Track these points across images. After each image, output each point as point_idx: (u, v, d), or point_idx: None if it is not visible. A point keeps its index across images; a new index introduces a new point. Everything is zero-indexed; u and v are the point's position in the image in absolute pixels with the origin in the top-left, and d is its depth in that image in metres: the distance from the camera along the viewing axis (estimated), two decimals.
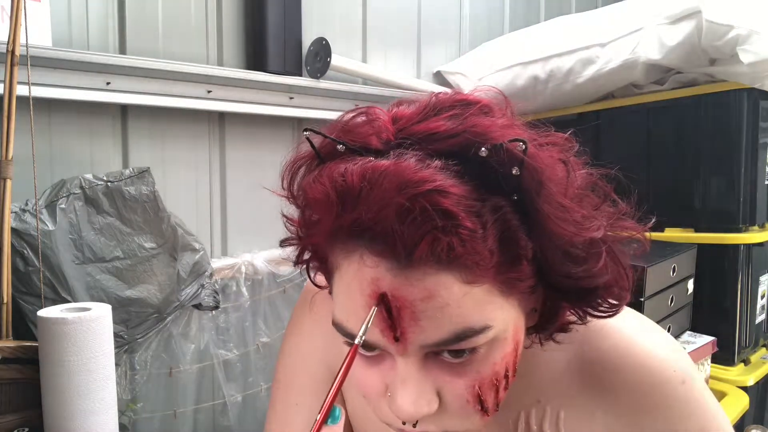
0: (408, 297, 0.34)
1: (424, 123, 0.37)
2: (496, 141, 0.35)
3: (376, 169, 0.34)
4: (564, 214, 0.36)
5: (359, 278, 0.36)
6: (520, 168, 0.34)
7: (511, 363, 0.39)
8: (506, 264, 0.36)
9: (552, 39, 1.53)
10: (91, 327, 0.74)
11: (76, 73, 0.99)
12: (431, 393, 0.37)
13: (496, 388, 0.38)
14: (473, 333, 0.36)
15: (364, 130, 0.38)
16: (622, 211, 0.42)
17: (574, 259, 0.38)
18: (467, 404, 0.38)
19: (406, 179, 0.33)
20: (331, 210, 0.35)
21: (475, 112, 0.37)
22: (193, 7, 1.20)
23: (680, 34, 1.26)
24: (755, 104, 1.30)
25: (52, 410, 0.75)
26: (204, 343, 1.16)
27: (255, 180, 1.33)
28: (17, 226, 0.88)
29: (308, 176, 0.40)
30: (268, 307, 1.27)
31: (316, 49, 1.35)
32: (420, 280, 0.34)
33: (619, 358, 0.46)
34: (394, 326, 0.35)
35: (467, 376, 0.37)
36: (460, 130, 0.36)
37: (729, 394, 1.27)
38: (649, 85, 1.43)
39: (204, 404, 1.19)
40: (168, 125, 1.17)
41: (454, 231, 0.33)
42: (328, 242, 0.39)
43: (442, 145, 0.35)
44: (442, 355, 0.37)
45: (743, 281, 1.33)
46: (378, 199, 0.33)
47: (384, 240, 0.34)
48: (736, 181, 1.31)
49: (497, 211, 0.35)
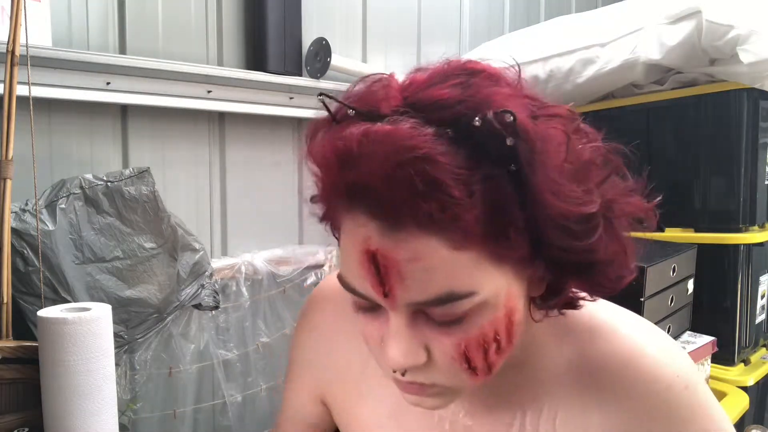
0: (395, 257, 0.37)
1: (430, 90, 0.38)
2: (494, 111, 0.36)
3: (371, 133, 0.36)
4: (557, 188, 0.37)
5: (354, 236, 0.39)
6: (514, 138, 0.35)
7: (502, 328, 0.40)
8: (495, 233, 0.37)
9: (552, 39, 1.53)
10: (91, 327, 0.74)
11: (76, 73, 0.99)
12: (419, 347, 0.40)
13: (484, 350, 0.40)
14: (457, 297, 0.37)
15: (376, 95, 0.40)
16: (631, 187, 0.42)
17: (571, 232, 0.38)
18: (454, 361, 0.40)
19: (397, 145, 0.35)
20: (331, 170, 0.38)
21: (480, 81, 0.38)
22: (193, 7, 1.20)
23: (680, 34, 1.26)
24: (755, 104, 1.30)
25: (52, 410, 0.75)
26: (204, 343, 1.16)
27: (255, 180, 1.34)
28: (17, 226, 0.88)
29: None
30: (268, 307, 1.27)
31: (316, 49, 1.35)
32: (406, 242, 0.36)
33: (621, 361, 0.46)
34: (383, 283, 0.38)
35: (454, 335, 0.39)
36: (461, 99, 0.37)
37: (729, 394, 1.27)
38: (649, 85, 1.43)
39: (204, 404, 1.19)
40: (168, 125, 1.17)
41: (438, 198, 0.34)
42: (332, 201, 0.41)
43: (444, 113, 0.36)
44: (432, 314, 0.39)
45: (743, 281, 1.33)
46: (369, 163, 0.35)
47: (374, 202, 0.36)
48: (736, 181, 1.31)
49: (488, 180, 0.36)
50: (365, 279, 0.39)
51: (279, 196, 1.38)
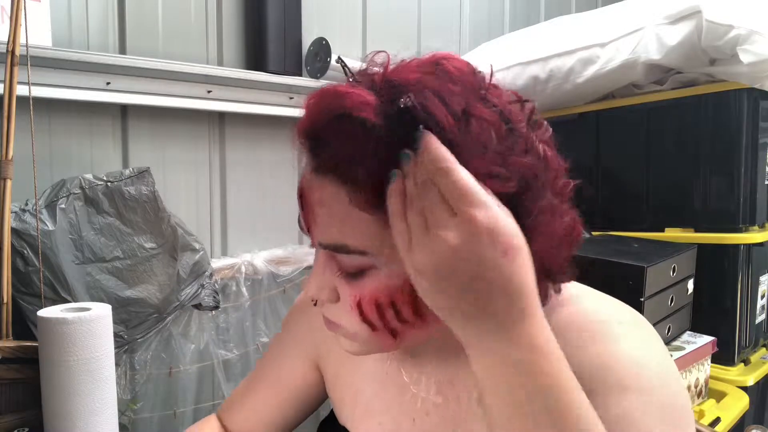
0: (312, 197, 0.43)
1: (401, 73, 0.42)
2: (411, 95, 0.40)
3: (329, 90, 0.42)
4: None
5: (301, 175, 0.45)
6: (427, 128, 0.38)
7: (399, 299, 0.42)
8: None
9: (552, 39, 1.52)
10: (91, 327, 0.74)
11: (76, 73, 0.99)
12: (328, 283, 0.45)
13: (380, 311, 0.43)
14: (348, 250, 0.42)
15: (371, 71, 0.45)
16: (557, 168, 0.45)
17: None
18: (351, 309, 0.44)
19: (336, 101, 0.40)
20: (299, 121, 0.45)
21: (439, 73, 0.42)
22: (193, 7, 1.20)
23: (680, 34, 1.26)
24: (755, 104, 1.30)
25: (52, 410, 0.75)
26: (204, 343, 1.16)
27: (255, 180, 1.34)
28: (17, 226, 0.88)
29: None
30: (268, 307, 1.27)
31: (316, 49, 1.35)
32: (321, 186, 0.42)
33: (571, 319, 0.46)
34: (306, 219, 0.45)
35: (352, 287, 0.44)
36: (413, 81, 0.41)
37: (729, 394, 1.27)
38: (649, 85, 1.43)
39: (204, 404, 1.19)
40: (168, 125, 1.17)
41: (354, 157, 0.39)
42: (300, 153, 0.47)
43: (392, 92, 0.40)
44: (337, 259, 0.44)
45: (743, 281, 1.33)
46: (313, 111, 0.42)
47: (312, 145, 0.43)
48: (736, 181, 1.31)
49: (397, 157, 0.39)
50: (302, 215, 0.46)
51: (279, 196, 1.39)
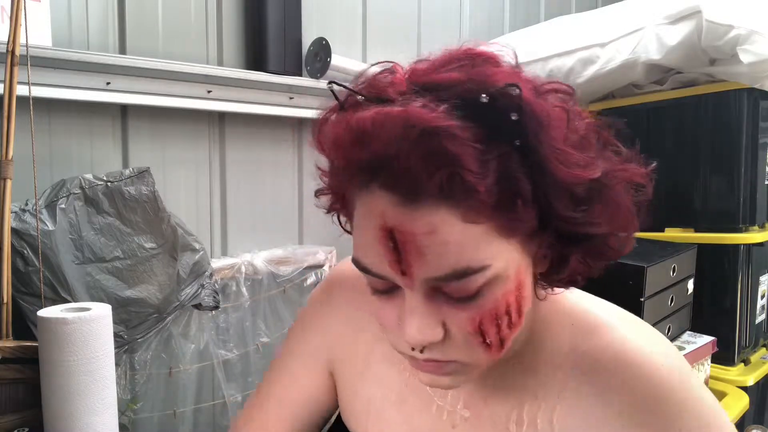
0: (412, 231, 0.38)
1: (434, 74, 0.40)
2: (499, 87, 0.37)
3: (385, 112, 0.37)
4: (563, 157, 0.38)
5: (369, 212, 0.39)
6: (518, 113, 0.37)
7: (513, 302, 0.41)
8: (505, 204, 0.38)
9: (552, 39, 1.53)
10: (91, 327, 0.74)
11: (76, 73, 0.99)
12: (436, 323, 0.41)
13: (497, 324, 0.41)
14: (472, 272, 0.38)
15: (382, 82, 0.42)
16: (625, 157, 0.44)
17: (576, 202, 0.40)
18: (470, 336, 0.41)
19: (411, 119, 0.36)
20: (344, 150, 0.39)
21: (480, 63, 0.40)
22: (193, 7, 1.20)
23: (680, 34, 1.26)
24: (755, 104, 1.30)
25: (52, 410, 0.75)
26: (204, 343, 1.16)
27: (255, 180, 1.34)
28: (17, 226, 0.88)
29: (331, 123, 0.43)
30: (268, 307, 1.27)
31: (316, 49, 1.35)
32: (423, 215, 0.37)
33: (616, 354, 0.46)
34: (400, 260, 0.39)
35: (470, 309, 0.40)
36: (465, 79, 0.38)
37: (729, 394, 1.27)
38: (649, 85, 1.43)
39: (204, 404, 1.19)
40: (168, 125, 1.17)
41: (453, 168, 0.36)
42: (345, 182, 0.42)
43: (449, 93, 0.38)
44: (447, 290, 0.40)
45: (743, 281, 1.33)
46: (385, 138, 0.36)
47: (391, 176, 0.37)
48: (736, 181, 1.31)
49: (499, 153, 0.37)
50: (383, 257, 0.39)
51: (279, 196, 1.39)
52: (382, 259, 0.40)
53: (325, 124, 0.44)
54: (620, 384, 0.46)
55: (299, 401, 0.65)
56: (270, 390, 0.67)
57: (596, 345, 0.47)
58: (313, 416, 0.65)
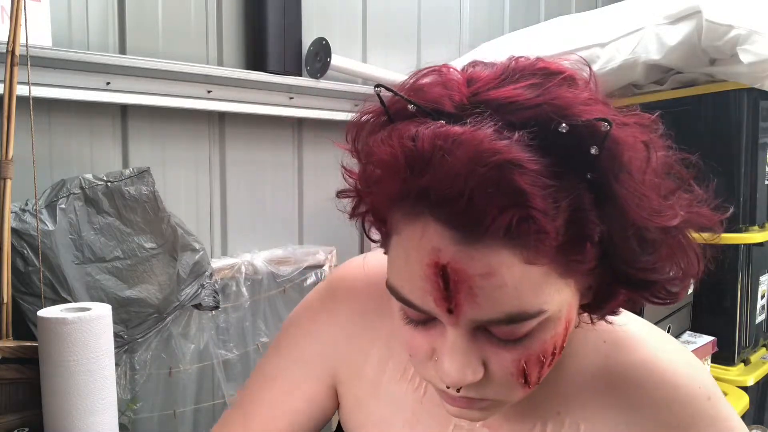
0: (468, 271, 0.34)
1: (502, 89, 0.35)
2: (577, 116, 0.33)
3: (449, 135, 0.33)
4: (640, 201, 0.35)
5: (420, 247, 0.35)
6: (600, 147, 0.33)
7: (559, 341, 0.39)
8: (570, 246, 0.34)
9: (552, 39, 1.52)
10: (91, 327, 0.74)
11: (76, 73, 0.99)
12: (477, 363, 0.38)
13: (542, 364, 0.39)
14: (527, 316, 0.35)
15: (437, 91, 0.37)
16: (699, 198, 0.40)
17: (644, 247, 0.37)
18: (511, 377, 0.38)
19: (482, 149, 0.32)
20: (398, 174, 0.34)
21: (558, 83, 0.36)
22: (193, 7, 1.20)
23: (680, 34, 1.26)
24: (755, 104, 1.30)
25: (52, 410, 0.75)
26: (204, 343, 1.16)
27: (255, 180, 1.34)
28: (17, 226, 0.88)
29: (376, 134, 0.38)
30: (268, 307, 1.27)
31: (316, 49, 1.35)
32: (482, 255, 0.33)
33: (644, 372, 0.45)
34: (450, 299, 0.35)
35: (515, 351, 0.37)
36: (540, 102, 0.34)
37: (729, 394, 1.27)
38: (649, 85, 1.43)
39: (204, 404, 1.19)
40: (168, 125, 1.17)
41: (524, 209, 0.32)
42: (390, 204, 0.38)
43: (520, 116, 0.34)
44: (493, 330, 0.37)
45: (743, 281, 1.33)
46: (449, 168, 0.32)
47: (451, 210, 0.33)
48: (736, 181, 1.31)
49: (571, 190, 0.33)
50: (429, 293, 0.36)
51: (279, 196, 1.38)
52: (427, 294, 0.36)
53: (365, 129, 0.40)
54: (650, 401, 0.45)
55: (293, 407, 0.60)
56: (262, 395, 0.60)
57: (625, 361, 0.46)
58: (306, 425, 0.60)
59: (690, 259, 0.40)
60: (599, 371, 0.47)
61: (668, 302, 0.42)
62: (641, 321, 0.51)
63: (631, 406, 0.45)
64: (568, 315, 0.39)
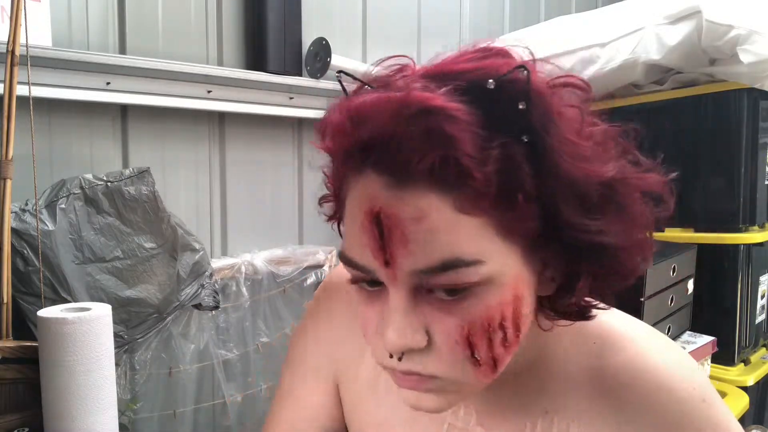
0: (399, 215, 0.35)
1: (446, 66, 0.38)
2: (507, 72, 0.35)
3: (383, 95, 0.35)
4: (573, 150, 0.36)
5: (360, 197, 0.37)
6: (526, 102, 0.34)
7: (509, 314, 0.38)
8: (504, 199, 0.35)
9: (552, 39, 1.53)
10: (91, 327, 0.74)
11: (76, 73, 0.99)
12: (418, 326, 0.37)
13: (489, 338, 0.37)
14: (463, 264, 0.35)
15: (393, 75, 0.41)
16: (645, 167, 0.41)
17: (586, 207, 0.37)
18: (456, 346, 0.37)
19: (409, 99, 0.34)
20: (342, 133, 0.37)
21: (492, 55, 0.38)
22: (193, 7, 1.20)
23: (680, 34, 1.26)
24: (755, 104, 1.30)
25: (52, 410, 0.75)
26: (204, 343, 1.16)
27: (255, 180, 1.34)
28: (17, 226, 0.88)
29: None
30: (268, 307, 1.27)
31: (316, 49, 1.35)
32: (412, 199, 0.35)
33: (638, 373, 0.45)
34: (385, 248, 0.36)
35: (457, 314, 0.37)
36: (474, 68, 0.36)
37: (729, 394, 1.27)
38: (649, 85, 1.43)
39: (204, 404, 1.19)
40: (168, 125, 1.17)
41: (452, 153, 0.33)
42: (341, 169, 0.40)
43: (459, 80, 0.36)
44: (436, 293, 0.37)
45: (743, 281, 1.33)
46: (381, 118, 0.34)
47: (383, 157, 0.35)
48: (736, 181, 1.31)
49: (502, 144, 0.35)
50: (367, 246, 0.37)
51: (279, 196, 1.39)
52: (366, 247, 0.37)
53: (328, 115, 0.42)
54: (639, 402, 0.44)
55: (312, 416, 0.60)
56: (281, 416, 0.61)
57: (615, 361, 0.46)
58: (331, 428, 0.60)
59: (638, 227, 0.40)
60: (589, 371, 0.47)
61: (626, 277, 0.41)
62: (633, 320, 0.50)
63: (621, 406, 0.45)
64: (516, 286, 0.38)
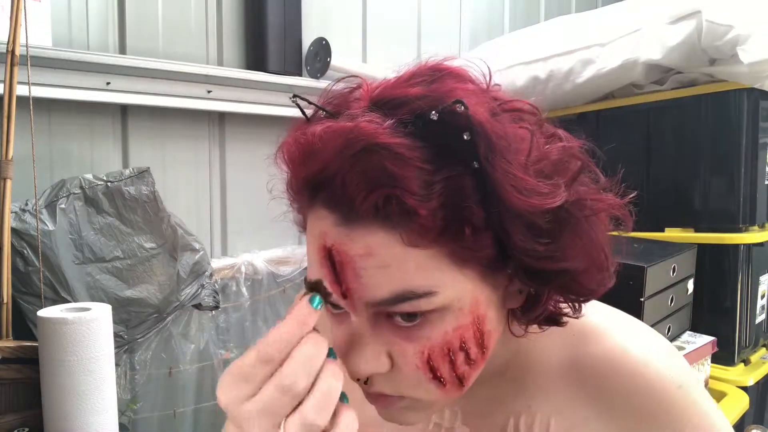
0: (349, 252, 0.36)
1: (394, 89, 0.38)
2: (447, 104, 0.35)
3: (332, 128, 0.35)
4: (516, 183, 0.35)
5: (313, 231, 0.38)
6: (471, 133, 0.34)
7: (469, 336, 0.38)
8: (452, 231, 0.35)
9: (552, 39, 1.52)
10: (91, 327, 0.74)
11: (76, 73, 0.99)
12: (381, 353, 0.38)
13: (450, 360, 0.38)
14: (414, 296, 0.36)
15: (346, 97, 0.40)
16: (602, 186, 0.41)
17: (536, 233, 0.36)
18: (418, 370, 0.38)
19: (351, 136, 0.34)
20: (294, 165, 0.38)
21: (443, 78, 0.38)
22: (193, 7, 1.20)
23: (680, 34, 1.26)
24: (755, 104, 1.30)
25: (52, 410, 0.75)
26: (204, 343, 1.16)
27: (255, 180, 1.34)
28: (17, 226, 0.88)
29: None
30: (267, 307, 1.27)
31: (316, 49, 1.35)
32: (361, 236, 0.35)
33: (613, 362, 0.45)
34: (340, 282, 0.37)
35: (417, 341, 0.38)
36: (421, 94, 0.36)
37: (729, 394, 1.27)
38: (649, 85, 1.43)
39: (204, 404, 1.19)
40: (168, 125, 1.17)
41: (390, 188, 0.34)
42: (297, 198, 0.41)
43: (404, 110, 0.36)
44: (395, 319, 0.38)
45: (743, 281, 1.33)
46: (327, 154, 0.35)
47: (330, 194, 0.36)
48: (736, 181, 1.31)
49: (448, 176, 0.34)
50: (325, 278, 0.37)
51: (279, 196, 1.38)
52: (325, 279, 0.37)
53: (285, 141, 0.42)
54: (617, 392, 0.45)
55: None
56: None
57: (592, 352, 0.46)
58: None
59: (596, 248, 0.40)
60: (568, 363, 0.47)
61: (587, 297, 0.42)
62: (611, 310, 0.51)
63: (599, 397, 0.45)
64: (475, 309, 0.38)
